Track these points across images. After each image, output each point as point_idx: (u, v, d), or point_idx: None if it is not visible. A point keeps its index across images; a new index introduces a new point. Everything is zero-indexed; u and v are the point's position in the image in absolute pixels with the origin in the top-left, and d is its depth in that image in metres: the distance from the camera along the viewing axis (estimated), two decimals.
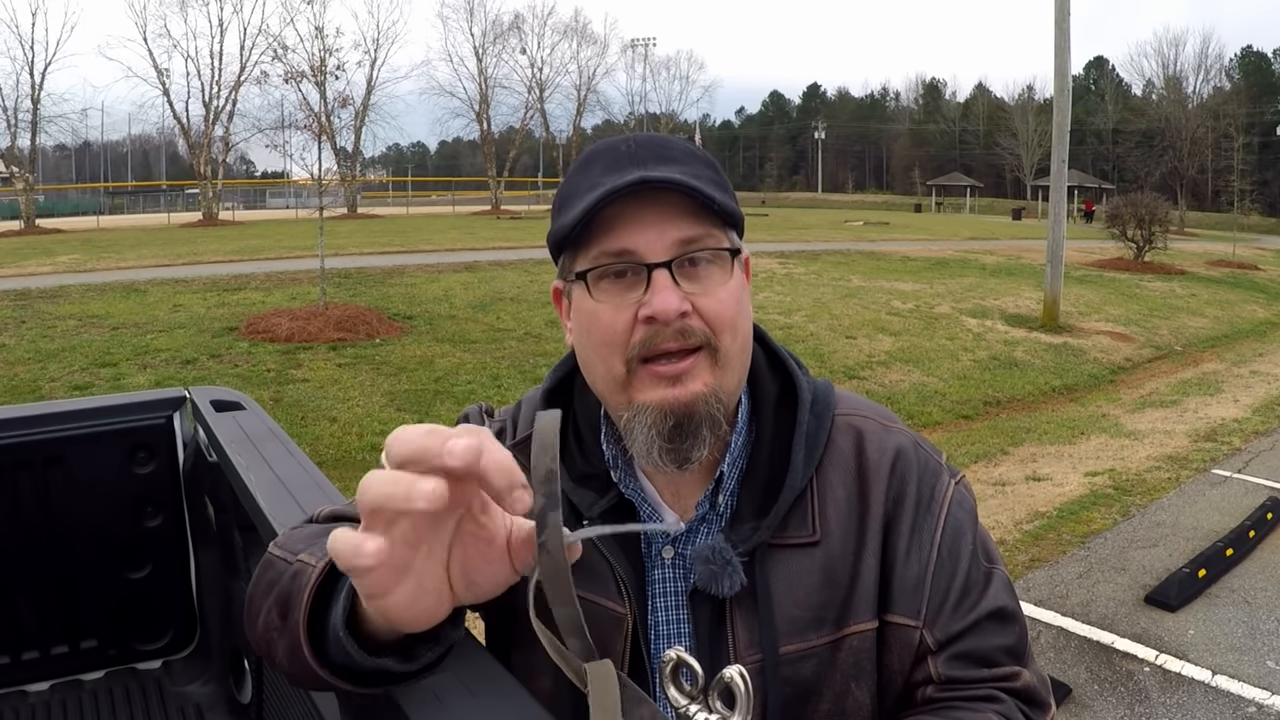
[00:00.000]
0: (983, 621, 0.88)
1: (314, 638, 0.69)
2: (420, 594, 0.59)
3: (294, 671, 0.73)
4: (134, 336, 10.15)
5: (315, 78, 12.35)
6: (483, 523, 0.60)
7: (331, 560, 0.69)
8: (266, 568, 0.80)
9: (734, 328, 0.86)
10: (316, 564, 0.71)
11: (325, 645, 0.68)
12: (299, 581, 0.72)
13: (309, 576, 0.71)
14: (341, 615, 0.66)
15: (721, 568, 0.85)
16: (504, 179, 50.23)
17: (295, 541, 0.82)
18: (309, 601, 0.69)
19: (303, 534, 0.85)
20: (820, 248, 22.35)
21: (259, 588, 0.79)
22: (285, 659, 0.73)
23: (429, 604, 0.61)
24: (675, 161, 0.86)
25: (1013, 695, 0.87)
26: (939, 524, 0.91)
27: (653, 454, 0.85)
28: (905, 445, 0.94)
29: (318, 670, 0.68)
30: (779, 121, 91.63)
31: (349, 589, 0.66)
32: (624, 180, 0.83)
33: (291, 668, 0.72)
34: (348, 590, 0.66)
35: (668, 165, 0.85)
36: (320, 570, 0.70)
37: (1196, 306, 16.53)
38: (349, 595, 0.66)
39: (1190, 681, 3.84)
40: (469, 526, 0.60)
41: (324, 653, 0.68)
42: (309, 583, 0.70)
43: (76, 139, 55.47)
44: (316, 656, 0.68)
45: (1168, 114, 59.24)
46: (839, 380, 9.61)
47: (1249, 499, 6.10)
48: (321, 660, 0.68)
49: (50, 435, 1.87)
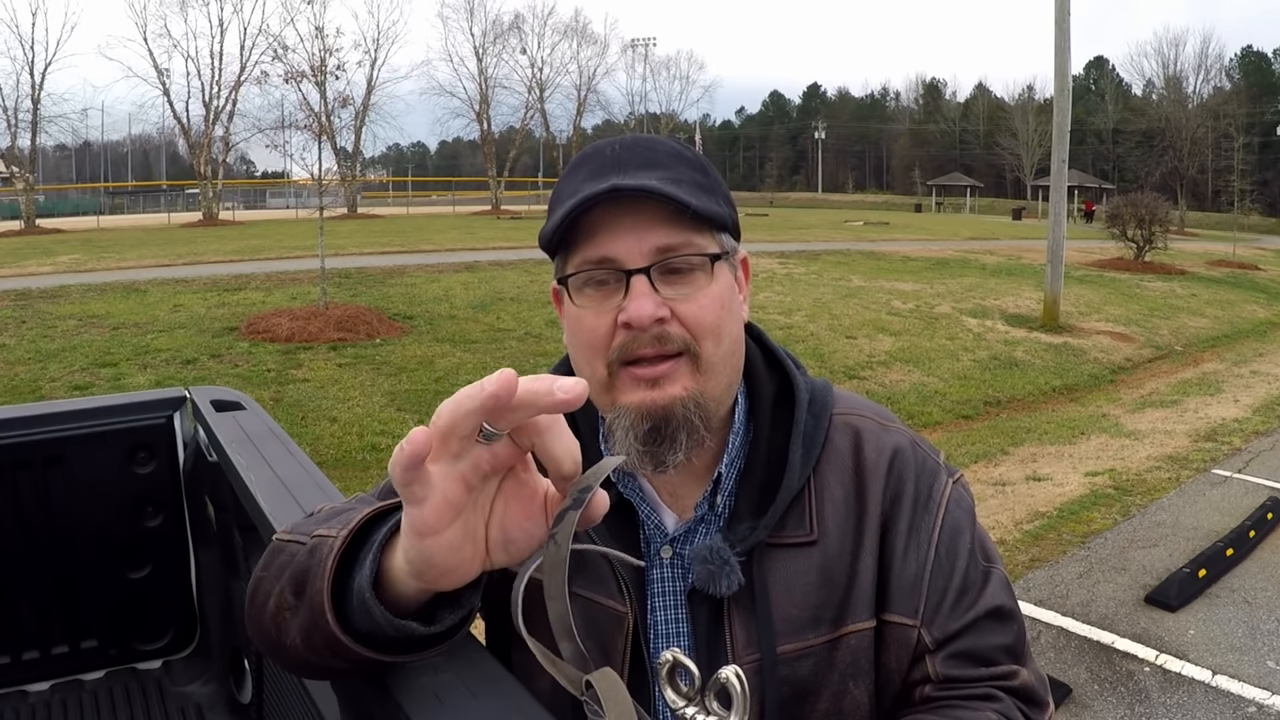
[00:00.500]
0: (981, 620, 0.89)
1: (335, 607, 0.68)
2: (463, 541, 0.62)
3: (306, 650, 0.71)
4: (134, 336, 10.16)
5: (315, 78, 12.35)
6: (524, 479, 0.63)
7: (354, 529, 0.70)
8: (275, 554, 0.79)
9: (716, 334, 0.87)
10: (338, 533, 0.71)
11: (347, 612, 0.68)
12: (319, 554, 0.71)
13: (330, 545, 0.70)
14: (369, 578, 0.66)
15: (719, 568, 0.86)
16: (504, 179, 50.25)
17: (307, 524, 0.81)
18: (334, 566, 0.69)
19: (315, 518, 0.85)
20: (820, 248, 22.35)
21: (267, 573, 0.78)
22: (300, 637, 0.71)
23: (467, 555, 0.62)
24: (659, 166, 0.86)
25: (1011, 694, 0.87)
26: (937, 523, 0.91)
27: (631, 456, 0.86)
28: (903, 445, 0.94)
29: (340, 636, 0.67)
30: (779, 121, 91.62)
31: (374, 556, 0.66)
32: (598, 188, 0.83)
33: (305, 646, 0.71)
34: (373, 556, 0.67)
35: (650, 170, 0.85)
36: (344, 538, 0.70)
37: (1197, 306, 16.53)
38: (375, 560, 0.66)
39: (1190, 681, 3.84)
40: (510, 485, 0.63)
41: (346, 622, 0.68)
42: (333, 549, 0.69)
43: (77, 139, 55.56)
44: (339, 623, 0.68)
45: (1168, 114, 59.25)
46: (839, 380, 9.61)
47: (1249, 499, 6.09)
48: (344, 628, 0.68)
49: (51, 435, 1.87)
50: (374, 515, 0.71)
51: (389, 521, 0.68)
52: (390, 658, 0.68)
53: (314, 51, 13.26)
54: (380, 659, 0.68)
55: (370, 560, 0.67)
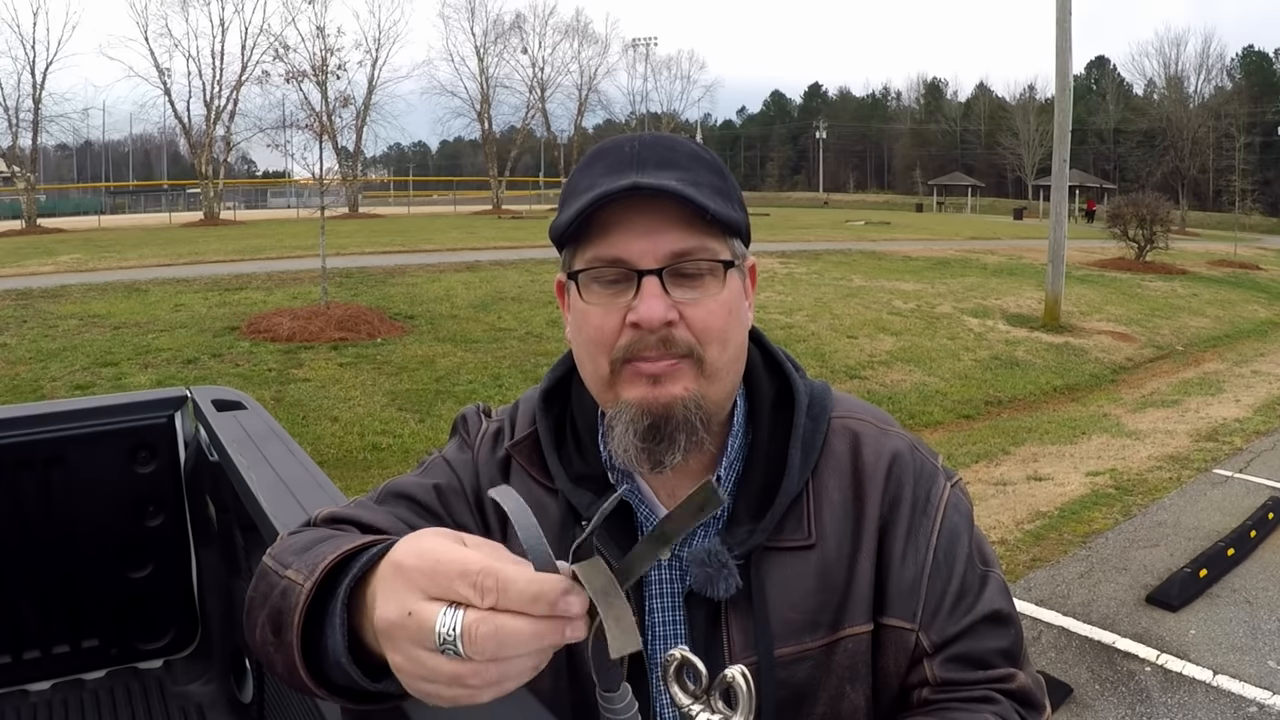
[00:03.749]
0: (978, 624, 0.89)
1: (309, 657, 0.68)
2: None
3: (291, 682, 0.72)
4: (135, 336, 10.16)
5: (316, 77, 12.37)
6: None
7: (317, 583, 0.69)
8: (260, 578, 0.79)
9: (723, 339, 0.86)
10: (304, 583, 0.70)
11: (324, 665, 0.68)
12: (288, 600, 0.71)
13: (297, 597, 0.69)
14: (343, 642, 0.65)
15: (717, 570, 0.85)
16: (505, 179, 50.16)
17: (286, 553, 0.80)
18: (300, 624, 0.68)
19: (295, 543, 0.83)
20: (821, 247, 22.33)
21: (255, 598, 0.78)
22: (285, 674, 0.72)
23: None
24: (677, 166, 0.85)
25: (1008, 697, 0.87)
26: (935, 527, 0.91)
27: (629, 453, 0.86)
28: (902, 449, 0.94)
29: (315, 690, 0.68)
30: (780, 121, 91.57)
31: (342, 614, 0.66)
32: (617, 185, 0.82)
33: (292, 682, 0.72)
34: (343, 618, 0.66)
35: (669, 170, 0.84)
36: (308, 592, 0.69)
37: (1198, 306, 16.52)
38: (344, 619, 0.66)
39: (1191, 681, 3.84)
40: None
41: (322, 673, 0.68)
42: (298, 604, 0.69)
43: (78, 138, 55.43)
44: (313, 677, 0.68)
45: (1169, 114, 59.16)
46: (840, 380, 9.60)
47: (1250, 499, 6.09)
48: (319, 681, 0.68)
49: (52, 435, 1.87)
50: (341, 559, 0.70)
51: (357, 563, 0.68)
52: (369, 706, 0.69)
53: (315, 51, 13.33)
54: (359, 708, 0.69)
55: (340, 622, 0.66)
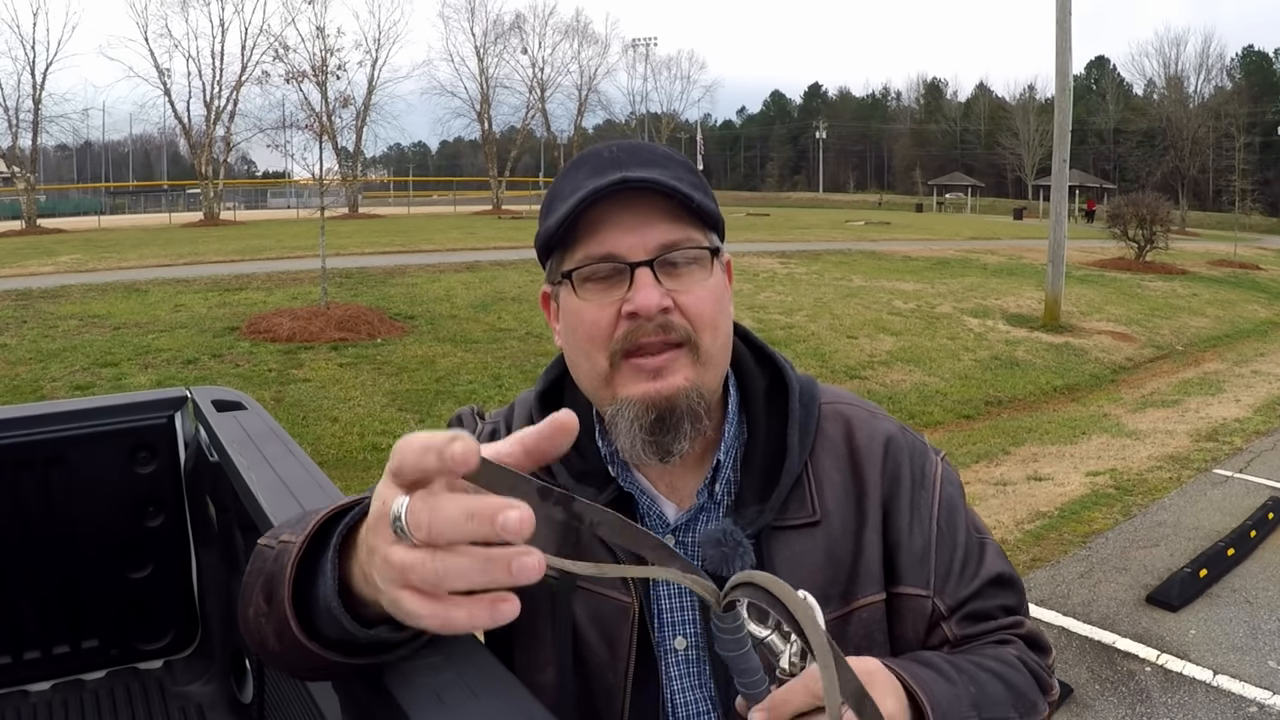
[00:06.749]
0: (986, 586, 0.96)
1: (302, 615, 0.69)
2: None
3: (286, 655, 0.72)
4: (135, 336, 10.16)
5: (316, 77, 12.37)
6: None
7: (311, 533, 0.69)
8: (255, 558, 0.80)
9: (715, 326, 0.90)
10: (297, 539, 0.71)
11: (315, 621, 0.68)
12: (280, 562, 0.72)
13: (290, 552, 0.70)
14: (333, 587, 0.66)
15: (733, 549, 0.88)
16: (505, 179, 50.27)
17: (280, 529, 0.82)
18: (292, 573, 0.69)
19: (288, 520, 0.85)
20: (821, 247, 22.34)
21: (249, 578, 0.79)
22: (275, 642, 0.72)
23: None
24: (657, 165, 0.90)
25: (1020, 638, 0.96)
26: (935, 500, 0.97)
27: (636, 447, 0.88)
28: (893, 430, 1.00)
29: (308, 644, 0.68)
30: (780, 121, 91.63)
31: (333, 562, 0.66)
32: (605, 181, 0.86)
33: (282, 650, 0.72)
34: (334, 563, 0.66)
35: (649, 168, 0.89)
36: (300, 545, 0.70)
37: (1198, 306, 16.52)
38: (335, 566, 0.66)
39: (1191, 681, 3.84)
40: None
41: (314, 629, 0.68)
42: (292, 556, 0.70)
43: (78, 139, 55.57)
44: (305, 631, 0.68)
45: (1169, 113, 59.21)
46: (841, 380, 9.61)
47: (1250, 499, 6.09)
48: (311, 635, 0.68)
49: (52, 435, 1.86)
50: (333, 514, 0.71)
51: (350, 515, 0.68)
52: (365, 660, 0.69)
53: (315, 51, 13.32)
54: (354, 662, 0.69)
55: (331, 568, 0.66)
